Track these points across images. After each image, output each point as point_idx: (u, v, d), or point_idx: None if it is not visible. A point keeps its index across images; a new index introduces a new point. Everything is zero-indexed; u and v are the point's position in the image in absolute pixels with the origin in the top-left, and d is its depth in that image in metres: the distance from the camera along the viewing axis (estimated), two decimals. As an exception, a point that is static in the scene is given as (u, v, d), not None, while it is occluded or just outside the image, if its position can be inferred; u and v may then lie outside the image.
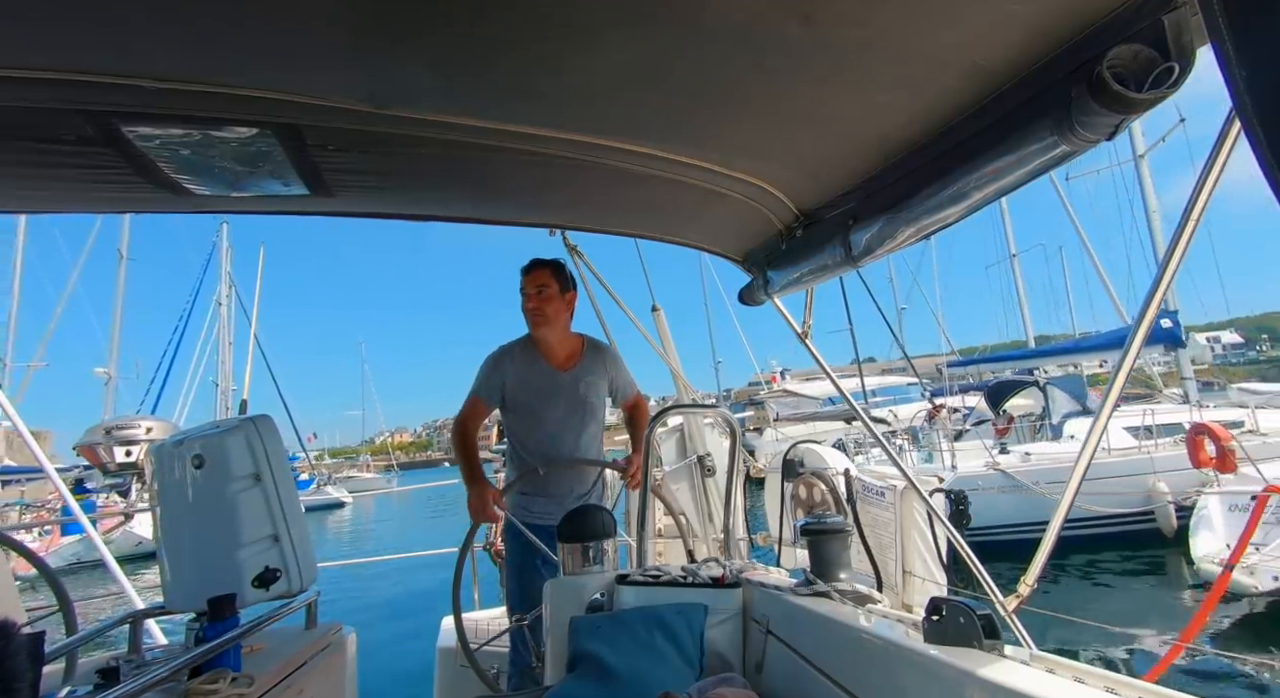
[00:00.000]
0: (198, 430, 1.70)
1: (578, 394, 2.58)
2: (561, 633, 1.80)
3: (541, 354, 2.57)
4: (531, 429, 2.58)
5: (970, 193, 1.19)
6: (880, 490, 2.70)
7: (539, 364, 2.55)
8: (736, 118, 1.36)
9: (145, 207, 1.67)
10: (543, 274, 2.54)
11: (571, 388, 2.57)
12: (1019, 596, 1.54)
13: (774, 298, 2.08)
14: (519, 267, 2.59)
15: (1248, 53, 0.54)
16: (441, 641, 3.15)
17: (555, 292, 2.53)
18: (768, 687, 1.50)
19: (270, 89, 1.17)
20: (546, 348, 2.58)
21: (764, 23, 1.01)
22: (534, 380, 2.54)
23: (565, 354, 2.60)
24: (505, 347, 2.60)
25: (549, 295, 2.51)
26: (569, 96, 1.27)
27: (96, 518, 12.86)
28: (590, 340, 2.68)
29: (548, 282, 2.53)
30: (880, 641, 1.15)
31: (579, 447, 2.61)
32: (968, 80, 1.12)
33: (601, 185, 1.74)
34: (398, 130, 1.33)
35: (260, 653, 1.67)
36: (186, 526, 1.61)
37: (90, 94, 1.11)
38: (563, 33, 1.04)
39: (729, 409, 4.05)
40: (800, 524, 1.78)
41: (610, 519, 2.14)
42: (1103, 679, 0.85)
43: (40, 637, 1.19)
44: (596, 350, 2.67)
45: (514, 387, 2.54)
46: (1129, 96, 0.86)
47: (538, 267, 2.57)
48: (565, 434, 2.57)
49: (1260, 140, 0.51)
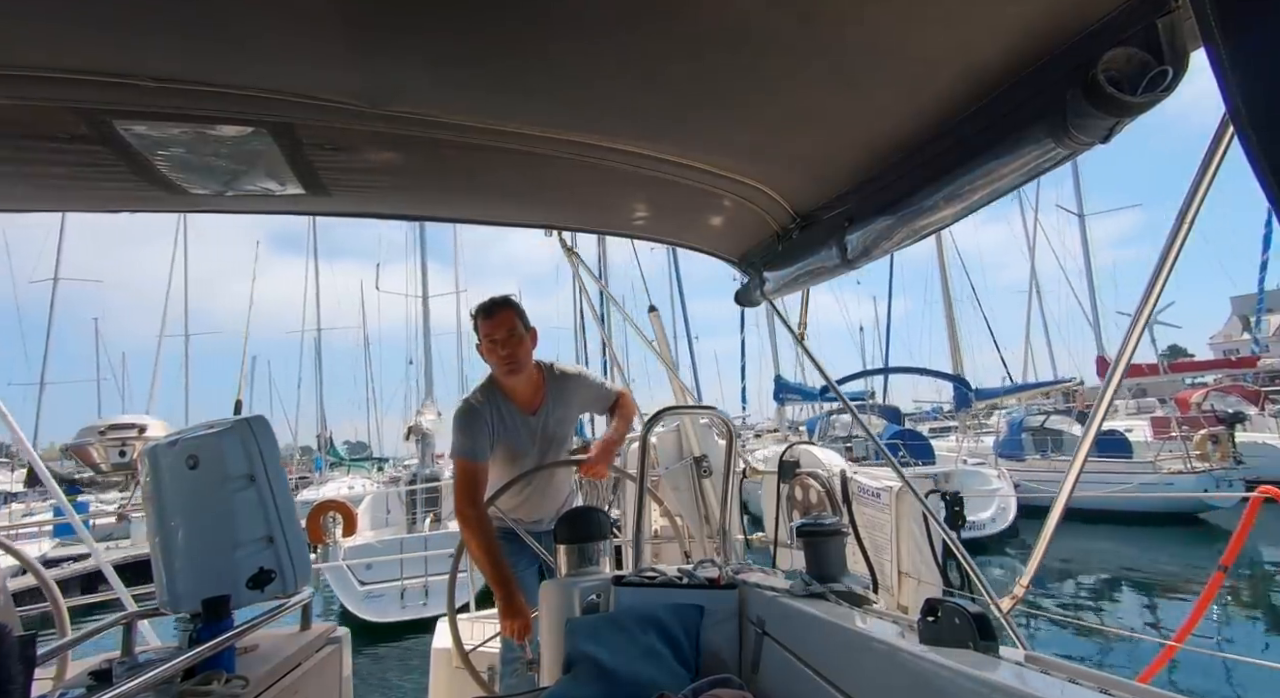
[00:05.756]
0: (192, 431, 1.69)
1: (548, 433, 2.44)
2: (557, 634, 1.80)
3: (510, 400, 2.38)
4: (508, 470, 2.43)
5: (966, 194, 1.19)
6: (876, 492, 2.70)
7: (511, 412, 2.37)
8: (733, 118, 1.36)
9: (140, 206, 1.66)
10: (508, 315, 2.30)
11: (541, 430, 2.43)
12: (1014, 596, 1.54)
13: (770, 299, 2.08)
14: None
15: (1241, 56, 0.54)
16: (436, 642, 3.15)
17: (522, 332, 2.31)
18: (763, 688, 1.50)
19: (265, 87, 1.17)
20: (513, 393, 2.38)
21: (762, 24, 1.01)
22: (511, 431, 2.37)
23: (530, 394, 2.42)
24: (474, 401, 2.35)
25: (519, 338, 2.30)
26: (566, 97, 1.27)
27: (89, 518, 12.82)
28: (549, 370, 2.48)
29: (514, 323, 2.30)
30: (876, 642, 1.15)
31: (552, 485, 2.54)
32: (964, 82, 1.12)
33: (598, 186, 1.74)
34: (393, 129, 1.33)
35: (255, 654, 1.66)
36: (180, 527, 1.60)
37: (84, 92, 1.11)
38: (559, 32, 1.04)
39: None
40: (796, 526, 1.78)
41: (606, 521, 2.13)
42: (1097, 680, 0.85)
43: (32, 639, 1.19)
44: (558, 380, 2.47)
45: (495, 440, 2.36)
46: (1123, 100, 0.87)
47: (500, 309, 2.31)
48: (539, 475, 2.45)
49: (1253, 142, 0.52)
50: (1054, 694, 0.83)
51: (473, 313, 2.37)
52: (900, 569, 2.60)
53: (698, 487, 3.46)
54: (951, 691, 0.92)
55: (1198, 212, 1.02)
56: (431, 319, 21.10)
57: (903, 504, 2.56)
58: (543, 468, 2.43)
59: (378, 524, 12.08)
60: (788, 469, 3.14)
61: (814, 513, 2.82)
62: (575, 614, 1.80)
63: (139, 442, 17.40)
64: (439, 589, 9.46)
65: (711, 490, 3.40)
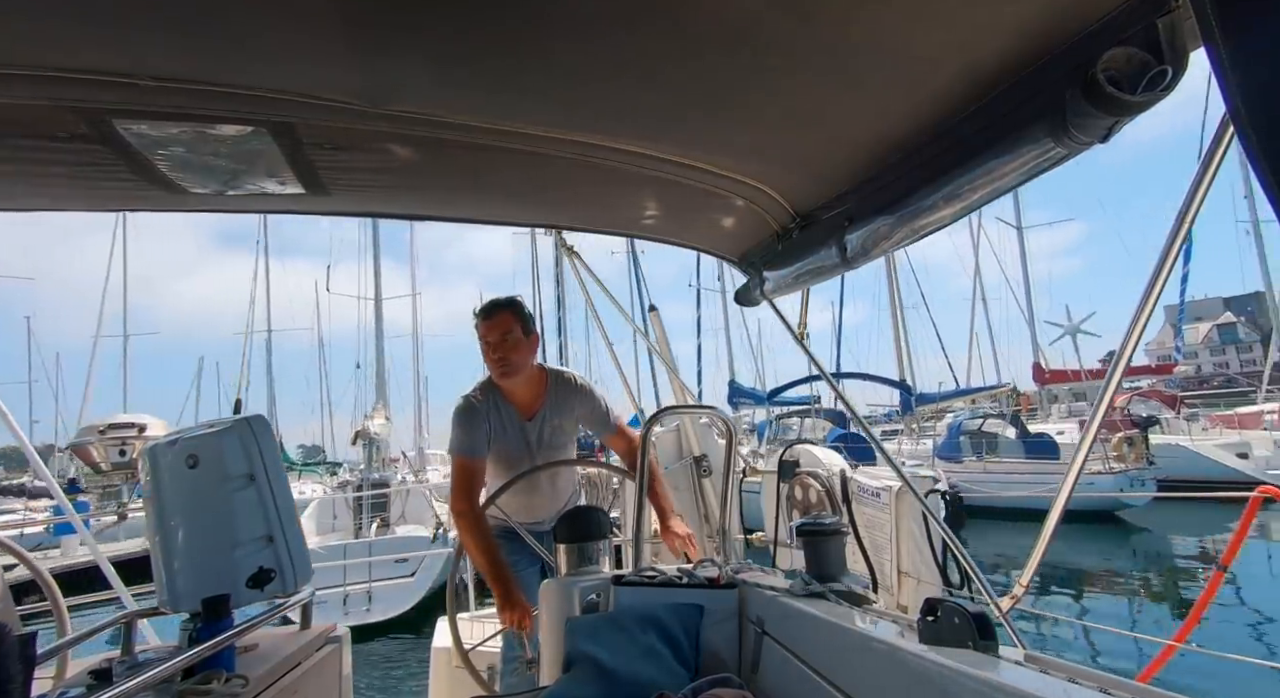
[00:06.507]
0: (192, 431, 1.69)
1: (544, 439, 2.42)
2: (557, 634, 1.80)
3: (509, 402, 2.38)
4: (503, 472, 2.42)
5: (965, 194, 1.19)
6: (876, 491, 2.71)
7: (508, 414, 2.37)
8: (733, 118, 1.36)
9: (140, 205, 1.66)
10: (505, 318, 2.29)
11: (537, 436, 2.41)
12: (1013, 596, 1.54)
13: (769, 298, 2.08)
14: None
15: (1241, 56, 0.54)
16: (436, 641, 3.15)
17: (520, 336, 2.29)
18: (763, 687, 1.50)
19: (265, 87, 1.17)
20: (511, 395, 2.38)
21: (762, 24, 1.01)
22: (505, 433, 2.36)
23: (530, 399, 2.40)
24: (473, 398, 2.35)
25: (514, 342, 2.27)
26: (566, 96, 1.27)
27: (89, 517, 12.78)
28: (554, 376, 2.46)
29: (511, 327, 2.28)
30: (875, 641, 1.16)
31: (554, 491, 2.53)
32: (963, 82, 1.12)
33: (598, 185, 1.74)
34: (393, 129, 1.33)
35: (254, 654, 1.66)
36: (180, 526, 1.60)
37: (84, 91, 1.11)
38: (560, 32, 1.04)
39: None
40: (796, 525, 1.78)
41: (606, 520, 2.13)
42: (1097, 680, 0.85)
43: (31, 638, 1.19)
44: (561, 388, 2.44)
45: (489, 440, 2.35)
46: (1123, 99, 0.87)
47: (498, 310, 2.31)
48: (538, 478, 2.45)
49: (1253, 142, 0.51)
50: (1054, 694, 0.83)
51: (474, 314, 2.38)
52: (900, 569, 2.60)
53: (697, 486, 3.46)
54: (951, 690, 0.92)
55: (1198, 211, 1.02)
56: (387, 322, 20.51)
57: (902, 504, 2.57)
58: (539, 469, 2.42)
59: (324, 529, 11.65)
60: (788, 469, 3.14)
61: (814, 513, 2.83)
62: (575, 614, 1.80)
63: (139, 441, 17.37)
64: (383, 595, 9.42)
65: (711, 490, 3.40)
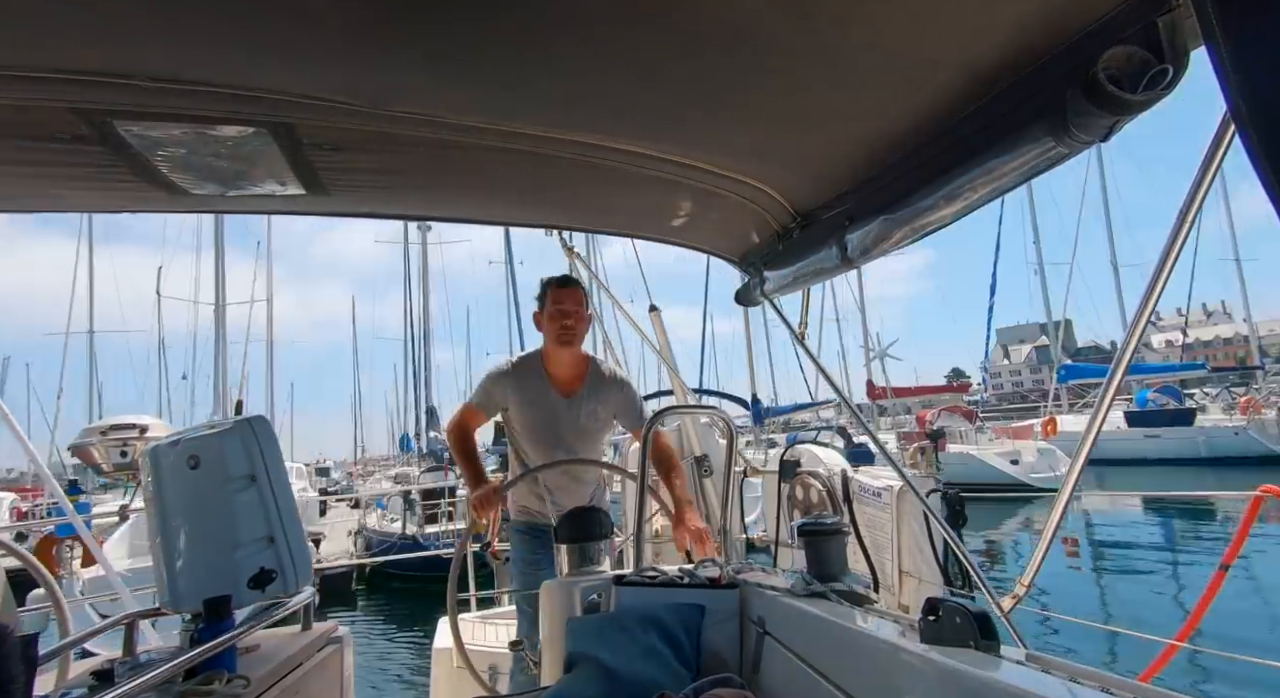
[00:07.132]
0: (193, 431, 1.69)
1: (578, 423, 2.50)
2: (558, 634, 1.80)
3: (548, 376, 2.49)
4: (531, 449, 2.53)
5: (966, 194, 1.19)
6: (877, 491, 2.70)
7: (542, 388, 2.47)
8: (734, 118, 1.36)
9: (141, 206, 1.66)
10: (579, 292, 2.50)
11: (572, 416, 2.49)
12: (1015, 596, 1.54)
13: (770, 298, 2.08)
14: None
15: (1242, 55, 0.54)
16: (437, 642, 3.15)
17: (585, 312, 2.50)
18: (764, 687, 1.50)
19: (265, 87, 1.17)
20: (556, 369, 2.49)
21: (762, 24, 1.01)
22: (536, 404, 2.47)
23: (571, 377, 2.50)
24: (509, 367, 2.50)
25: (582, 315, 2.47)
26: (566, 96, 1.27)
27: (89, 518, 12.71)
28: (595, 364, 2.57)
29: (582, 300, 2.50)
30: (877, 641, 1.15)
31: (580, 482, 2.56)
32: (963, 81, 1.12)
33: (598, 185, 1.74)
34: (393, 129, 1.33)
35: (256, 654, 1.66)
36: (182, 527, 1.60)
37: (84, 92, 1.11)
38: (560, 32, 1.04)
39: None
40: (797, 525, 1.78)
41: (608, 520, 2.13)
42: (1098, 679, 0.85)
43: (33, 639, 1.19)
44: (601, 375, 2.55)
45: (516, 408, 2.48)
46: (1123, 98, 0.86)
47: (573, 283, 2.53)
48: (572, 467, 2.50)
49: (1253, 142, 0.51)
50: (1055, 694, 0.82)
51: (544, 281, 2.55)
52: (901, 568, 2.60)
53: (698, 487, 3.46)
54: (952, 690, 0.92)
55: (1199, 211, 1.01)
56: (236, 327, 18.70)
57: (903, 504, 2.56)
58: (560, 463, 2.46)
59: (138, 553, 9.78)
60: (788, 469, 3.14)
61: (815, 512, 2.82)
62: (576, 614, 1.80)
63: (140, 442, 17.35)
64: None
65: (712, 490, 3.40)
